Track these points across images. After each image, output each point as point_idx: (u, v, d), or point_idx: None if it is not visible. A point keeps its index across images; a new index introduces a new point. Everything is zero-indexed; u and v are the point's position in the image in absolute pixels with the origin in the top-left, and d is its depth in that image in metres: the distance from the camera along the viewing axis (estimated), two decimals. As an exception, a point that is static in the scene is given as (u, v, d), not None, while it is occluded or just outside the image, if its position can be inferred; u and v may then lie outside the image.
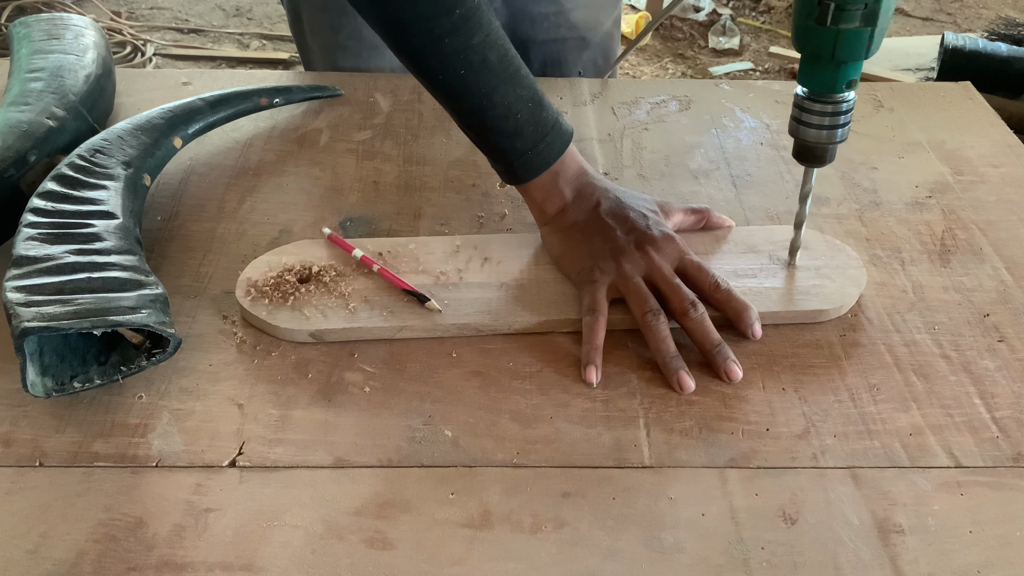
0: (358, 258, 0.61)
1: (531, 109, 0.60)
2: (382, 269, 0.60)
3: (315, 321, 0.57)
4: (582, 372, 0.55)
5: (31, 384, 0.50)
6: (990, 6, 2.87)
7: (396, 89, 0.85)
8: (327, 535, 0.46)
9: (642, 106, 0.84)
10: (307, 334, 0.57)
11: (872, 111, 0.83)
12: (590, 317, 0.57)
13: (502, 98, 0.59)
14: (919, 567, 0.45)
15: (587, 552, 0.46)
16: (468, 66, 0.57)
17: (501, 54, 0.59)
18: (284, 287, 0.59)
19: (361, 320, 0.57)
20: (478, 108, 0.59)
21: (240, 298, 0.59)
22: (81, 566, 0.44)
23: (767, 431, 0.52)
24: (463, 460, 0.50)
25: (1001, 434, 0.52)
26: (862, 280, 0.61)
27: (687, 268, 0.59)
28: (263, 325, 0.58)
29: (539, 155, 0.61)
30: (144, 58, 2.53)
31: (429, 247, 0.64)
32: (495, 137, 0.60)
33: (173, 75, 0.86)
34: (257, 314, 0.57)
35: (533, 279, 0.61)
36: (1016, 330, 0.60)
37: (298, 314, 0.58)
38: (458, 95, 0.59)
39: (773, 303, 0.59)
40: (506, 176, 0.63)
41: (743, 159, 0.76)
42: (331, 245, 0.64)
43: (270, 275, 0.60)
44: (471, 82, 0.58)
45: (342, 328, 0.57)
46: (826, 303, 0.59)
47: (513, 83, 0.59)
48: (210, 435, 0.51)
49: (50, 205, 0.58)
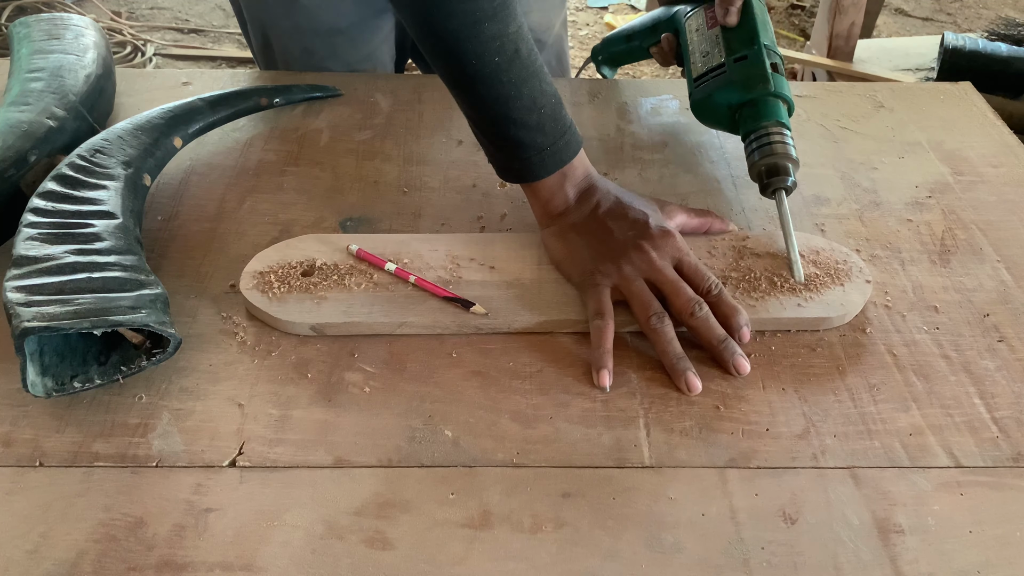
0: (392, 271, 0.61)
1: (553, 106, 0.61)
2: (419, 279, 0.60)
3: (316, 314, 0.57)
4: (594, 377, 0.55)
5: (31, 384, 0.50)
6: (990, 6, 2.87)
7: (396, 89, 0.85)
8: (327, 535, 0.46)
9: (642, 106, 0.84)
10: (308, 327, 0.57)
11: (872, 111, 0.83)
12: (599, 321, 0.57)
13: (530, 91, 0.59)
14: (919, 567, 0.45)
15: (587, 552, 0.46)
16: (502, 54, 0.57)
17: (529, 47, 0.59)
18: (289, 280, 0.60)
19: (361, 315, 0.58)
20: (505, 98, 0.59)
21: (244, 289, 0.59)
22: (81, 566, 0.44)
23: (767, 431, 0.52)
24: (463, 460, 0.50)
25: (1001, 434, 0.52)
26: (867, 288, 0.60)
27: (684, 268, 0.59)
28: (265, 317, 0.58)
29: (556, 153, 0.61)
30: (144, 58, 2.53)
31: (432, 244, 0.64)
32: (518, 130, 0.60)
33: (173, 75, 0.86)
34: (260, 306, 0.58)
35: (535, 279, 0.61)
36: (1016, 330, 0.60)
37: (300, 307, 0.58)
38: (488, 83, 0.59)
39: (777, 311, 0.59)
40: (517, 172, 0.63)
41: (743, 159, 0.76)
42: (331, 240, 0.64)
43: (275, 268, 0.61)
44: (503, 71, 0.58)
45: (343, 323, 0.57)
46: (830, 311, 0.59)
47: (539, 78, 0.60)
48: (210, 435, 0.51)
49: (50, 205, 0.58)
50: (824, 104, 0.84)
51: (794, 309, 0.59)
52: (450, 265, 0.62)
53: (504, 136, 0.61)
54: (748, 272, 0.62)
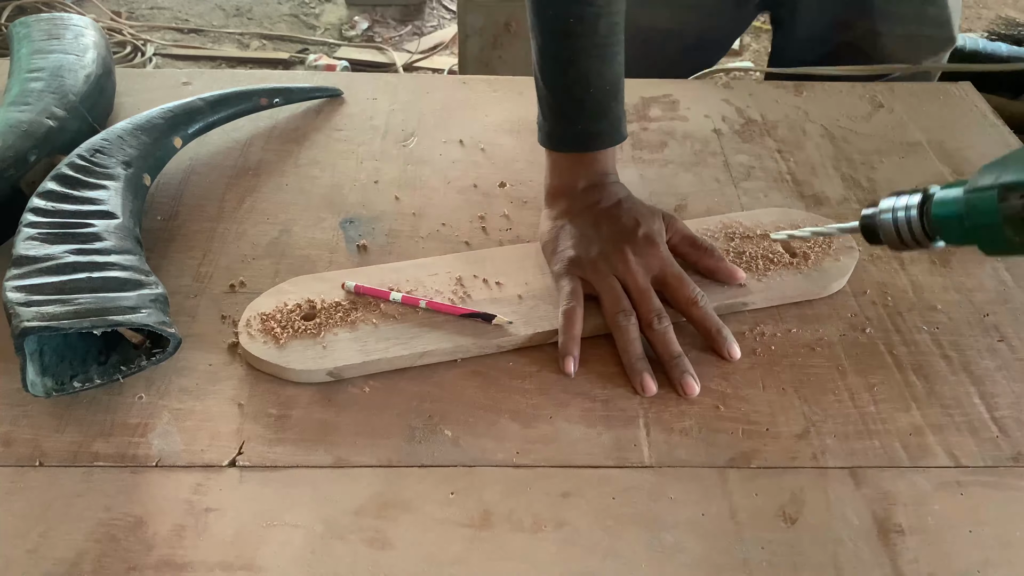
0: (398, 301, 0.58)
1: (605, 93, 0.63)
2: (430, 303, 0.57)
3: (330, 358, 0.54)
4: (560, 363, 0.55)
5: (31, 384, 0.50)
6: (990, 6, 2.87)
7: (396, 89, 0.85)
8: (327, 535, 0.46)
9: (642, 105, 0.84)
10: (325, 373, 0.54)
11: (872, 111, 0.83)
12: (567, 307, 0.57)
13: (622, 61, 0.63)
14: (919, 567, 0.45)
15: (587, 552, 0.46)
16: (622, 17, 0.61)
17: (611, 27, 0.62)
18: (291, 326, 0.56)
19: (378, 351, 0.55)
20: (611, 59, 0.62)
21: (246, 344, 0.55)
22: (81, 566, 0.44)
23: (767, 431, 0.52)
24: (463, 460, 0.50)
25: (1001, 434, 0.52)
26: (855, 252, 0.63)
27: (667, 278, 0.59)
28: (273, 370, 0.54)
29: (579, 136, 0.63)
30: (144, 58, 2.53)
31: (428, 268, 0.62)
32: (559, 95, 0.63)
33: (173, 75, 0.86)
34: (267, 358, 0.54)
35: (544, 287, 0.60)
36: (1016, 330, 0.60)
37: (311, 353, 0.54)
38: (604, 43, 0.61)
39: (780, 287, 0.60)
40: (540, 130, 0.65)
41: (743, 158, 0.76)
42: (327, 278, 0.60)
43: (274, 315, 0.57)
44: (619, 33, 0.62)
45: (361, 363, 0.54)
46: (829, 279, 0.61)
47: (605, 61, 0.62)
48: (210, 435, 0.51)
49: (50, 205, 0.58)
50: (824, 104, 0.84)
51: (797, 282, 0.61)
52: (455, 286, 0.60)
53: (547, 91, 0.63)
54: (742, 252, 0.63)
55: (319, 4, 2.85)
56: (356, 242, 0.66)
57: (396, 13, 2.77)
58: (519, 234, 0.67)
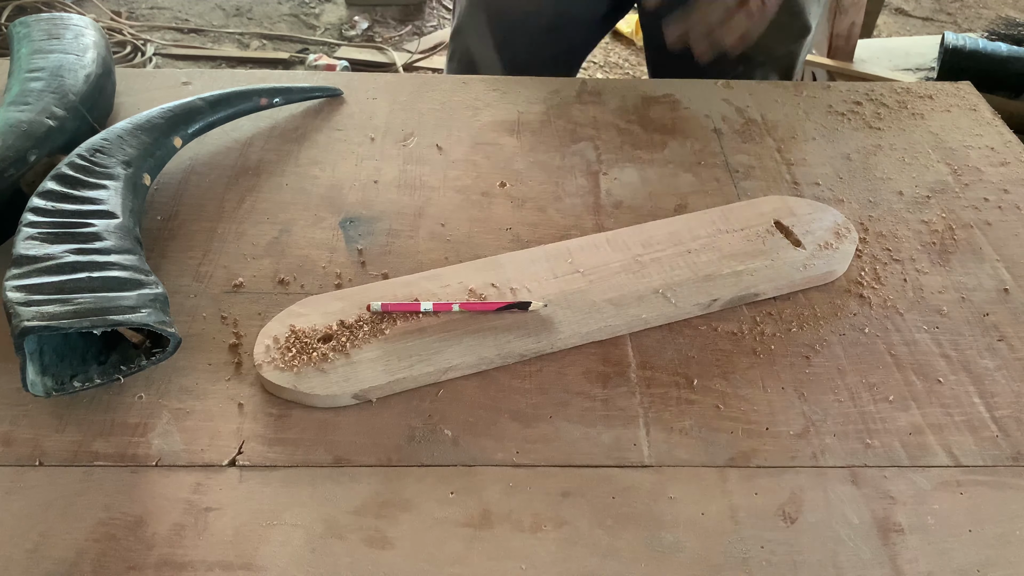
0: (430, 310, 0.57)
1: None
2: (463, 304, 0.57)
3: (355, 381, 0.53)
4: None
5: (31, 383, 0.50)
6: (990, 6, 2.87)
7: (396, 89, 0.85)
8: (327, 534, 0.46)
9: (642, 105, 0.84)
10: (350, 396, 0.53)
11: (872, 111, 0.83)
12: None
13: None
14: (919, 566, 0.45)
15: (587, 552, 0.46)
16: None
17: None
18: (309, 351, 0.54)
19: (402, 370, 0.54)
20: None
21: (267, 375, 0.53)
22: (81, 565, 0.44)
23: (767, 430, 0.52)
24: (463, 459, 0.50)
25: (1001, 433, 0.52)
26: (854, 236, 0.65)
27: None
28: (295, 396, 0.53)
29: None
30: (144, 58, 2.53)
31: (440, 280, 0.60)
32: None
33: (173, 75, 0.86)
34: (289, 386, 0.52)
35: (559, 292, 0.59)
36: (1016, 330, 0.60)
37: (333, 376, 0.53)
38: None
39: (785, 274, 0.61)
40: None
41: (743, 158, 0.76)
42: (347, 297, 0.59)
43: (291, 340, 0.55)
44: None
45: (387, 383, 0.53)
46: (833, 263, 0.62)
47: None
48: (210, 434, 0.51)
49: (50, 204, 0.58)
50: (825, 104, 0.84)
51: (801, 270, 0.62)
52: (471, 298, 0.59)
53: None
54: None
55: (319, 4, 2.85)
56: (356, 242, 0.66)
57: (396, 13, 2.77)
58: (519, 234, 0.67)
